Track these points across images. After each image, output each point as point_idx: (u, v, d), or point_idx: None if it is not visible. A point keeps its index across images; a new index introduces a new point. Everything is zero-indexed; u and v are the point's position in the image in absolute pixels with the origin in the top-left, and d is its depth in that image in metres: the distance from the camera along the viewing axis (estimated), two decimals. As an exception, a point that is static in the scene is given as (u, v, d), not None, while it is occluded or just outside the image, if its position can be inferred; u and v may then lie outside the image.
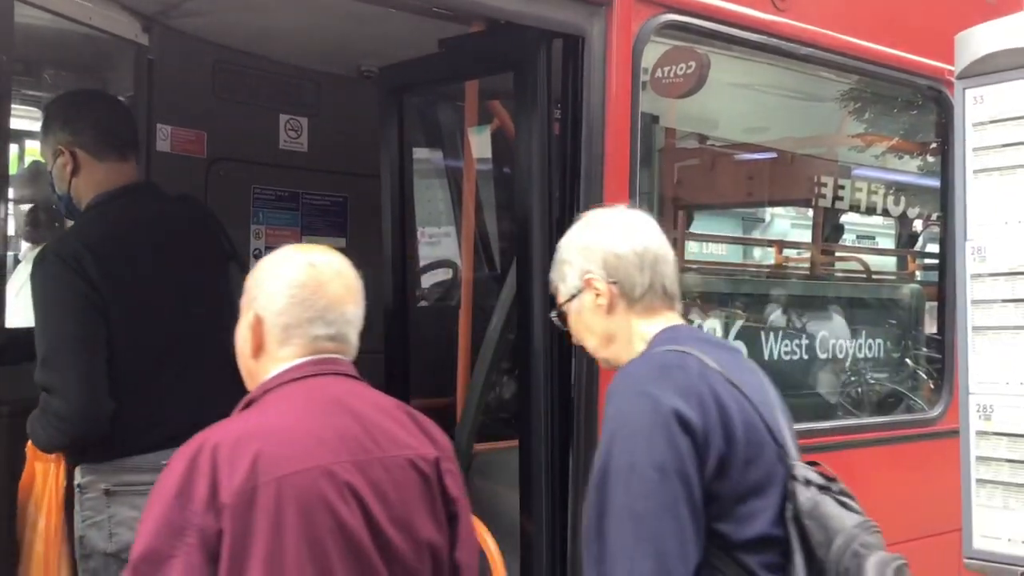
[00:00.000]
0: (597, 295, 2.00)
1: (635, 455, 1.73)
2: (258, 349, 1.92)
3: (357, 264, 2.00)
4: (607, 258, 1.99)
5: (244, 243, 4.42)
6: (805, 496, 1.78)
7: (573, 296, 2.04)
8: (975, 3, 3.37)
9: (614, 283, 1.98)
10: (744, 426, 1.81)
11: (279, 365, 1.90)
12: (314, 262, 1.94)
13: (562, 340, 2.84)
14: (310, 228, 4.61)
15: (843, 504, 1.83)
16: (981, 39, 2.36)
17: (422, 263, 4.82)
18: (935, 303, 4.14)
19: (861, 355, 3.94)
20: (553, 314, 2.13)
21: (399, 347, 3.57)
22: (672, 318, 2.03)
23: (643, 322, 2.00)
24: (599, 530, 1.74)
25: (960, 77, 2.40)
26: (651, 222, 2.08)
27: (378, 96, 3.59)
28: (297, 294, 1.90)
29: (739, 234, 8.86)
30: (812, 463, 1.87)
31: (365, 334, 1.99)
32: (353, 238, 4.71)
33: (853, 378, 4.05)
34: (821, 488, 1.81)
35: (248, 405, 1.88)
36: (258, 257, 4.54)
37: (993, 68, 2.33)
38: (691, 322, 3.42)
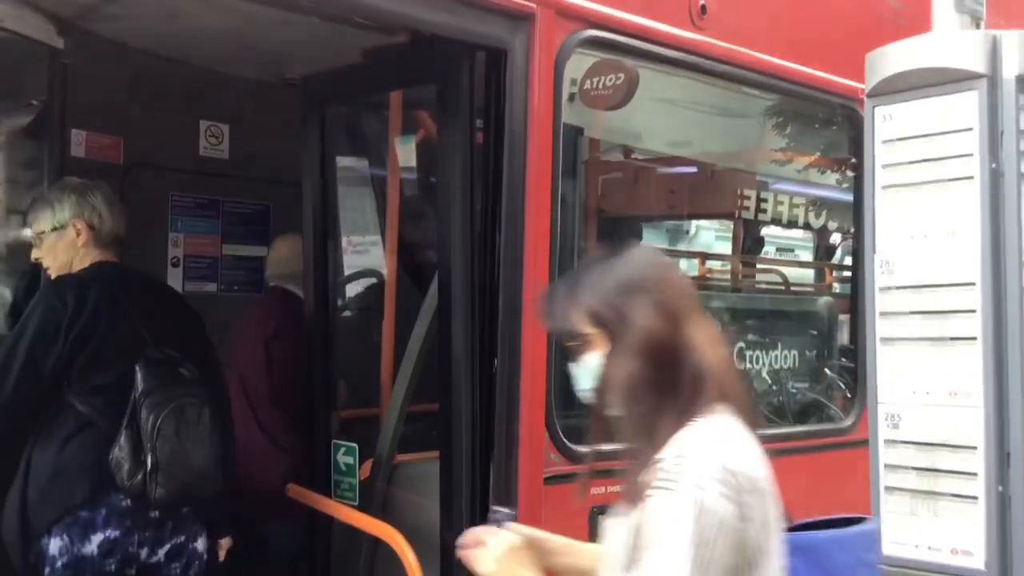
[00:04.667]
0: (78, 234, 3.06)
1: (30, 317, 2.93)
2: None
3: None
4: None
5: (161, 251, 4.33)
6: (136, 371, 2.92)
7: (56, 228, 3.07)
8: (888, 24, 3.47)
9: (92, 228, 3.07)
10: (109, 321, 2.94)
11: None
12: None
13: (482, 350, 2.85)
14: (231, 236, 4.54)
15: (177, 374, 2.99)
16: (890, 58, 2.43)
17: (347, 272, 4.78)
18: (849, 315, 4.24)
19: (779, 366, 4.01)
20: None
21: (320, 357, 3.53)
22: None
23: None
24: None
25: (870, 95, 2.47)
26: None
27: (301, 105, 3.56)
28: None
29: (664, 246, 8.96)
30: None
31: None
32: (277, 247, 4.63)
33: (774, 388, 4.12)
34: (152, 361, 2.96)
35: None
36: (176, 266, 4.49)
37: (902, 87, 2.39)
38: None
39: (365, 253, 4.90)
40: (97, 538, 2.89)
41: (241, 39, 3.76)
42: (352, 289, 4.77)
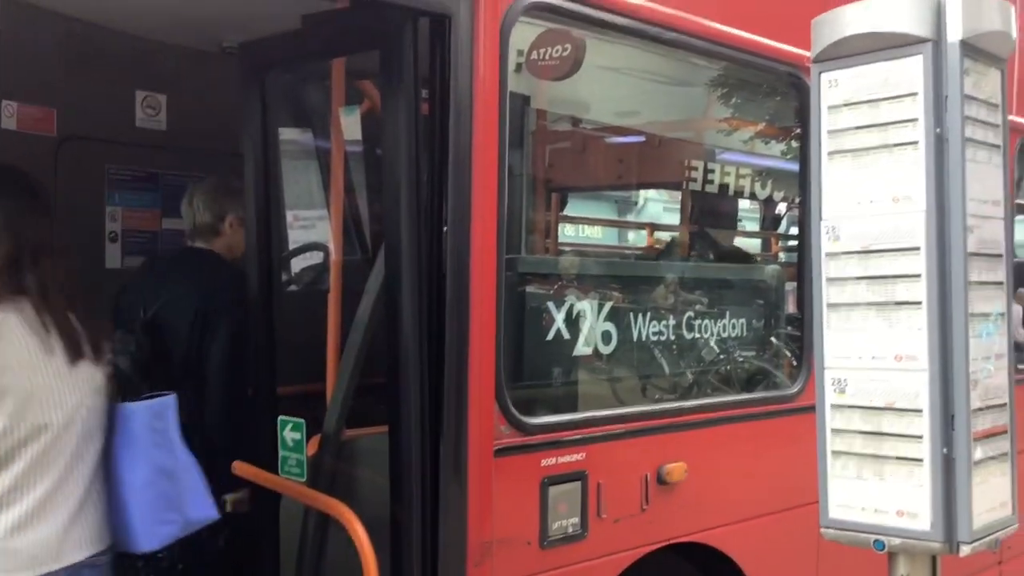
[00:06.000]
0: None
1: None
2: None
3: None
4: None
5: (98, 226, 4.22)
6: None
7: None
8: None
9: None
10: None
11: None
12: None
13: (430, 323, 2.81)
14: (172, 209, 4.42)
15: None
16: (836, 23, 2.43)
17: (292, 247, 4.69)
18: (795, 283, 4.28)
19: (727, 334, 4.03)
20: None
21: (264, 332, 3.46)
22: None
23: None
24: None
25: (816, 60, 2.47)
26: None
27: (239, 73, 3.46)
28: None
29: (613, 217, 8.98)
30: None
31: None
32: (219, 220, 4.53)
33: (721, 356, 4.14)
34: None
35: None
36: (114, 241, 4.38)
37: (847, 52, 2.40)
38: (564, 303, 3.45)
39: (311, 228, 4.82)
40: None
41: (177, 5, 3.64)
42: (297, 264, 4.70)
